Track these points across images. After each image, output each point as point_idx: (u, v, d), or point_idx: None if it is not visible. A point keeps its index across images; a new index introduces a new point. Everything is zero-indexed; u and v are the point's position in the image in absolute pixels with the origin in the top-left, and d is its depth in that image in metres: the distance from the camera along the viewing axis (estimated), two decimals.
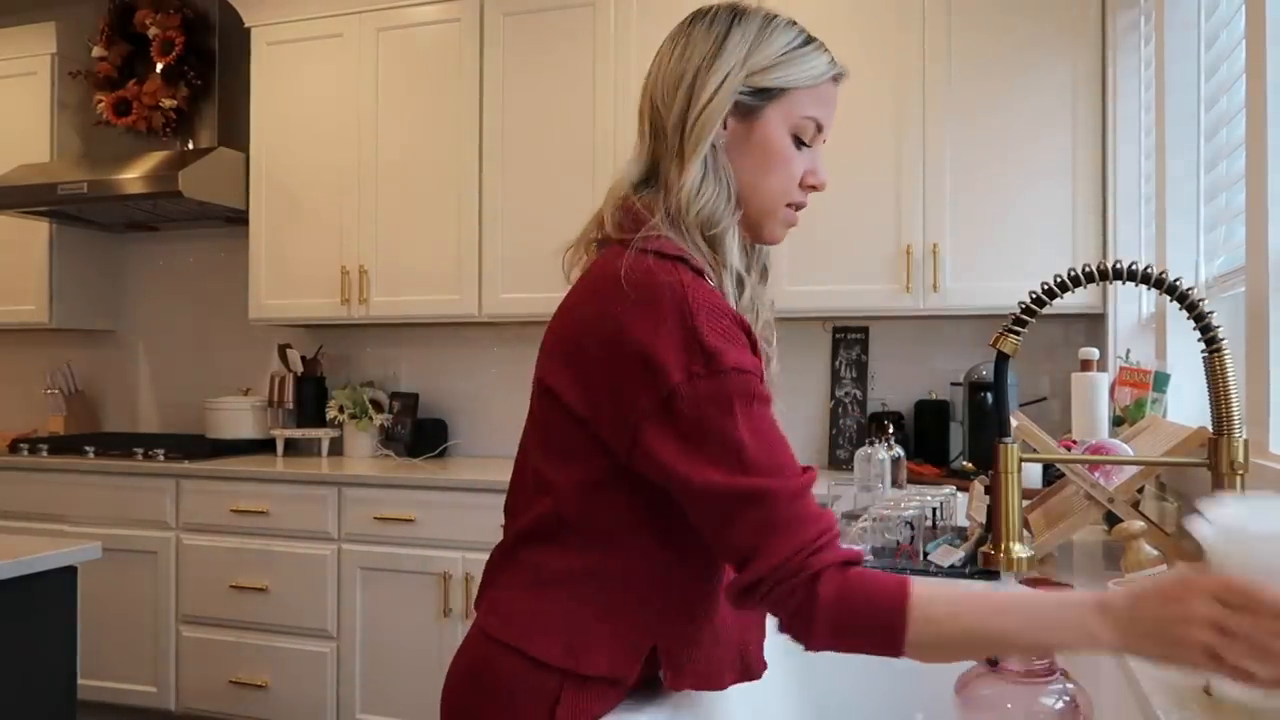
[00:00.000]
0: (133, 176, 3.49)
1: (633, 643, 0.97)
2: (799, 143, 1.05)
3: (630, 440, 0.93)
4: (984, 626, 0.85)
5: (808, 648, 0.91)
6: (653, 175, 1.04)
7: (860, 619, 0.87)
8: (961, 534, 1.76)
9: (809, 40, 1.05)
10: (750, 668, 1.06)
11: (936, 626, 0.86)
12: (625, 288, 0.93)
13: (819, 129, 1.05)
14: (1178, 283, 0.99)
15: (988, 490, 1.64)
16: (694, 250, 0.99)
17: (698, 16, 1.05)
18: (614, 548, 0.98)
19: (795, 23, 1.06)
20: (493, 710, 0.99)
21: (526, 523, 1.02)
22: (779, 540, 0.88)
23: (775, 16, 1.05)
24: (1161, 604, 0.78)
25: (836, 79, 1.06)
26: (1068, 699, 0.94)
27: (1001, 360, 1.03)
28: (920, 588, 0.87)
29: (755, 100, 1.02)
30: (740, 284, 1.01)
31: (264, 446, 3.73)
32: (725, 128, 1.02)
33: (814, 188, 1.08)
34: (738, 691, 1.14)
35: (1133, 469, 1.50)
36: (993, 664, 0.97)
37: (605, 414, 0.95)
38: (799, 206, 1.08)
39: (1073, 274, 1.01)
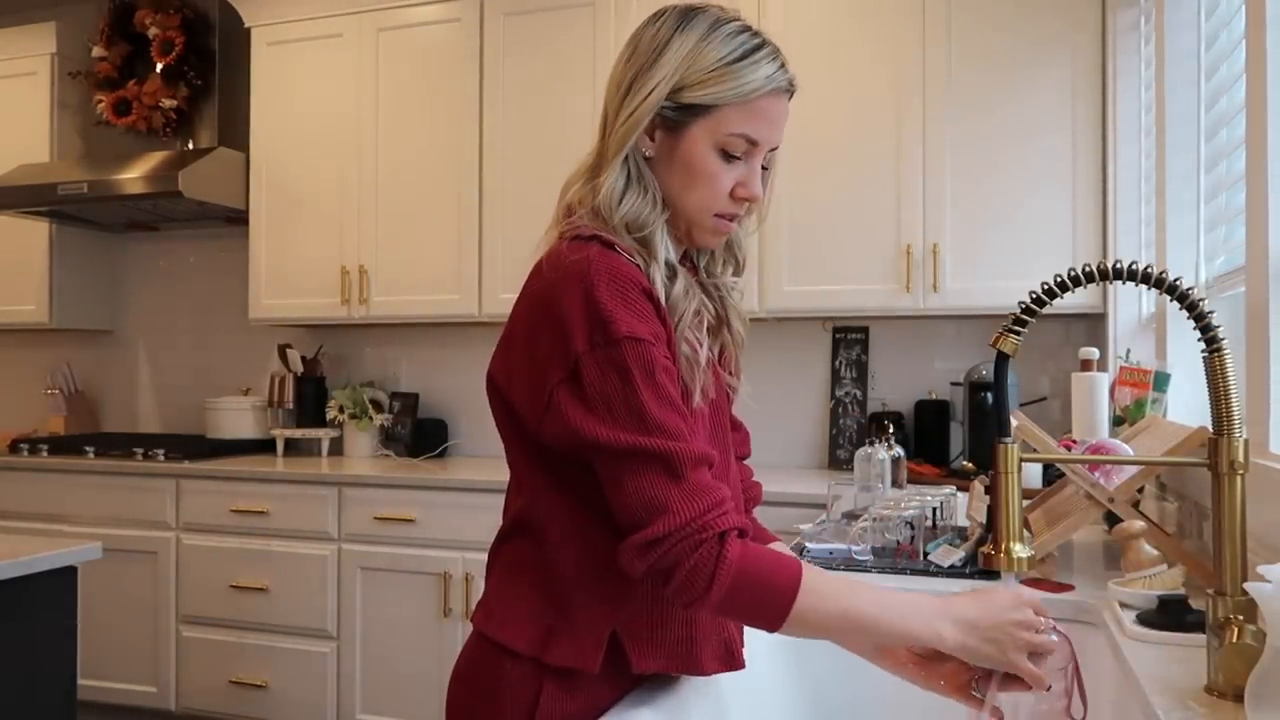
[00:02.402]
0: (133, 176, 3.49)
1: (593, 631, 1.00)
2: (729, 157, 1.03)
3: (543, 406, 0.98)
4: (856, 612, 0.95)
5: (693, 607, 0.95)
6: (595, 172, 1.06)
7: (756, 586, 0.92)
8: (961, 534, 1.76)
9: (755, 49, 1.02)
10: (734, 656, 1.09)
11: (817, 606, 0.94)
12: (544, 271, 1.01)
13: (752, 143, 1.03)
14: (1178, 283, 0.99)
15: (988, 490, 1.64)
16: (628, 242, 1.02)
17: (651, 20, 1.06)
18: (562, 541, 1.02)
19: (747, 29, 1.04)
20: (481, 705, 1.03)
21: (507, 519, 1.09)
22: (686, 499, 0.92)
23: (724, 24, 1.03)
24: (999, 623, 0.96)
25: (781, 91, 1.04)
26: (1054, 641, 1.01)
27: (1001, 360, 1.03)
28: (809, 569, 0.95)
29: (680, 116, 1.02)
30: (672, 275, 1.03)
31: (264, 446, 3.73)
32: (653, 140, 1.04)
33: (745, 199, 1.06)
34: (733, 688, 1.15)
35: (1133, 469, 1.50)
36: None
37: (523, 386, 1.01)
38: (731, 216, 1.07)
39: (1073, 274, 1.01)
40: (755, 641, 1.18)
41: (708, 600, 0.92)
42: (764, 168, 1.07)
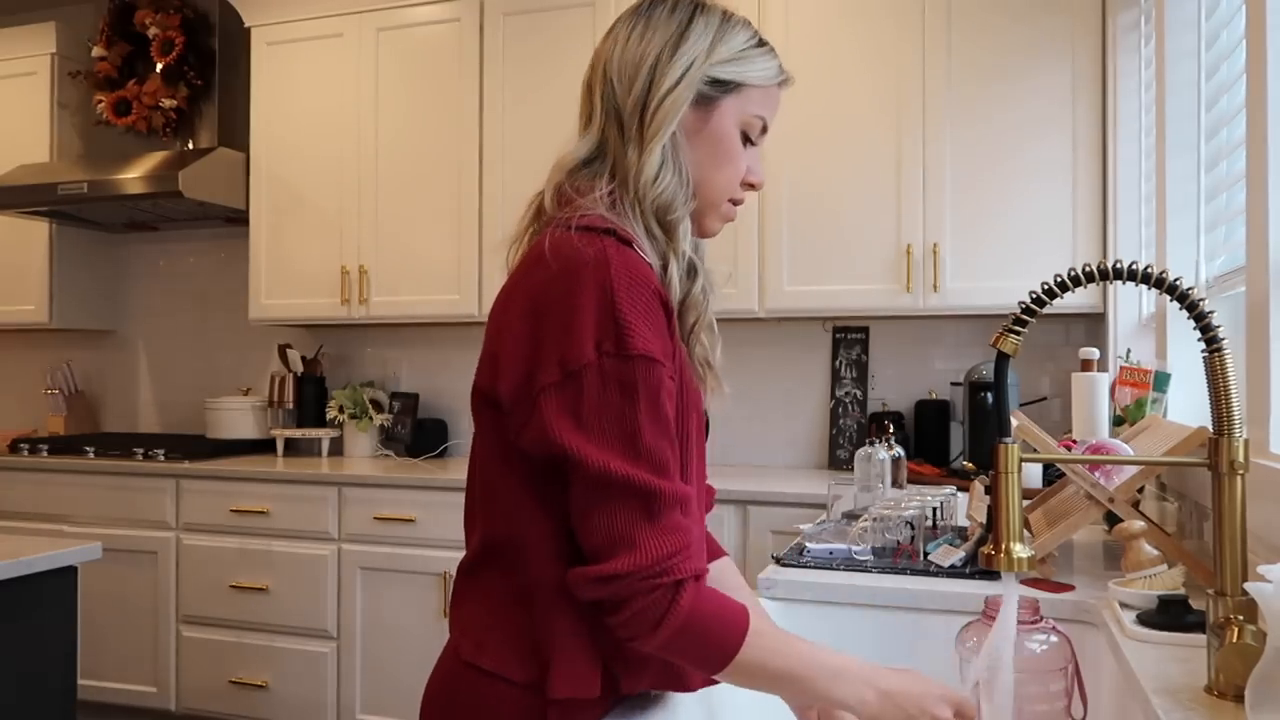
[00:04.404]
0: (133, 176, 3.49)
1: (587, 656, 0.95)
2: (745, 139, 1.05)
3: (527, 411, 0.92)
4: (789, 671, 0.94)
5: (637, 647, 0.92)
6: (599, 155, 1.03)
7: (702, 636, 0.91)
8: (961, 534, 1.76)
9: (762, 42, 1.06)
10: None
11: (755, 663, 0.93)
12: (548, 261, 0.93)
13: (764, 129, 1.06)
14: (1178, 283, 0.99)
15: (988, 490, 1.64)
16: (645, 236, 0.98)
17: (656, 1, 1.05)
18: (546, 564, 0.96)
19: (750, 23, 1.07)
20: None
21: (480, 539, 1.02)
22: (654, 539, 0.89)
23: (733, 14, 1.05)
24: (918, 699, 0.97)
25: (783, 84, 1.07)
26: (1053, 641, 1.04)
27: (1002, 360, 1.03)
28: (755, 622, 0.93)
29: (713, 91, 1.01)
30: (693, 273, 1.01)
31: (264, 446, 3.73)
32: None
33: (753, 186, 1.08)
34: (727, 695, 1.14)
35: (1133, 469, 1.50)
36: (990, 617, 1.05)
37: (512, 384, 0.93)
38: (737, 203, 1.08)
39: (1073, 274, 1.01)
40: None
41: (650, 642, 0.90)
42: None
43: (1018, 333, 1.02)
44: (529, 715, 0.95)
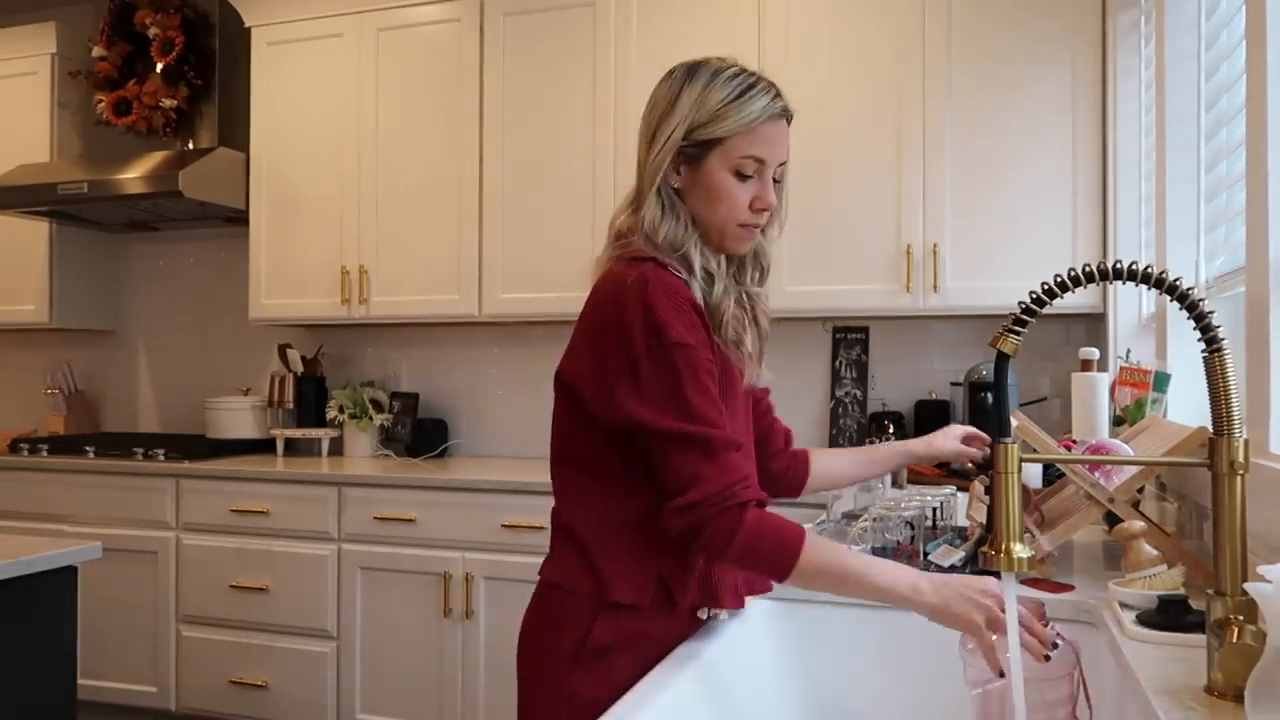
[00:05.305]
0: (133, 176, 3.49)
1: (644, 573, 1.23)
2: (743, 177, 1.25)
3: (607, 398, 1.20)
4: (846, 571, 1.15)
5: (716, 560, 1.24)
6: (637, 205, 1.29)
7: (766, 546, 1.15)
8: (961, 534, 1.76)
9: (750, 86, 1.24)
10: (740, 596, 1.34)
11: (815, 565, 1.15)
12: (604, 286, 1.25)
13: (759, 162, 1.25)
14: (1178, 283, 0.99)
15: (988, 490, 1.64)
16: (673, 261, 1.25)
17: (664, 78, 1.29)
18: (618, 504, 1.25)
19: (742, 71, 1.26)
20: (547, 630, 1.28)
21: (557, 488, 1.32)
22: (717, 473, 1.15)
23: (723, 71, 1.25)
24: (967, 581, 1.12)
25: (777, 117, 1.26)
26: (1059, 646, 1.05)
27: (1001, 360, 1.03)
28: (812, 535, 1.16)
29: (697, 151, 1.25)
30: (710, 280, 1.26)
31: (264, 446, 3.73)
32: (679, 174, 1.26)
33: (762, 209, 1.28)
34: (738, 678, 1.15)
35: (1133, 469, 1.50)
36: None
37: (592, 383, 1.22)
38: (753, 224, 1.29)
39: (1073, 274, 1.01)
40: (763, 637, 1.17)
41: (728, 554, 1.14)
42: (776, 180, 1.29)
43: (1018, 333, 1.02)
44: (585, 617, 1.23)
